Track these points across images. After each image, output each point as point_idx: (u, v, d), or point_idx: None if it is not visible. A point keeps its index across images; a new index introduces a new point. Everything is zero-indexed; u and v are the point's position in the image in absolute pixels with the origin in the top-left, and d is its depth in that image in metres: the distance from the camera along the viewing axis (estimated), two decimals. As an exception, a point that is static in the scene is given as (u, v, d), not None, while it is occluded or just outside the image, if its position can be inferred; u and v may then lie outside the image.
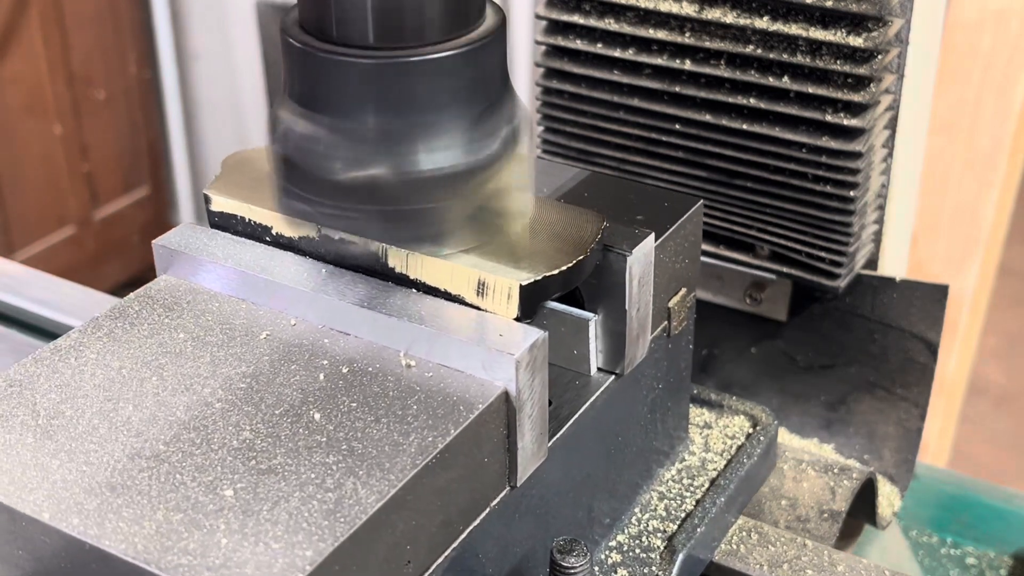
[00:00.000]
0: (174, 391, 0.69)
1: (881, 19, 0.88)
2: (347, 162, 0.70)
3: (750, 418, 0.95)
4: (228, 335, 0.74)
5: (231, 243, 0.79)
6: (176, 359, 0.72)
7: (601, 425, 0.81)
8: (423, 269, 0.73)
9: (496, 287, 0.71)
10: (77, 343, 0.74)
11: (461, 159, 0.71)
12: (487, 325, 0.71)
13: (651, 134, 0.99)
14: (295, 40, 0.70)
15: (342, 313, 0.73)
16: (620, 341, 0.79)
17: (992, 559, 1.10)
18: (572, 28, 0.99)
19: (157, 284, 0.79)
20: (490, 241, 0.74)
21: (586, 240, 0.75)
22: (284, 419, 0.67)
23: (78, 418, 0.68)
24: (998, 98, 1.68)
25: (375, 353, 0.72)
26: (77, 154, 2.91)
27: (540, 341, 0.69)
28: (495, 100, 0.72)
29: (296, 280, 0.75)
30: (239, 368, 0.71)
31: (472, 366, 0.69)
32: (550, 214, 0.78)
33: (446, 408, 0.67)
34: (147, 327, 0.75)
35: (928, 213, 1.73)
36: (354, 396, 0.69)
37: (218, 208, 0.80)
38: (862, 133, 0.91)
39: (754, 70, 0.93)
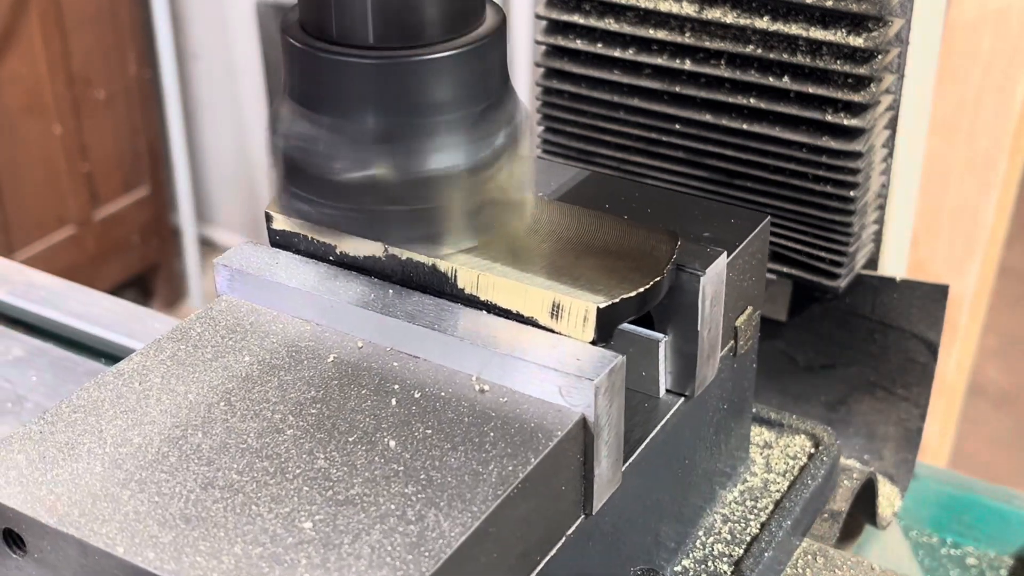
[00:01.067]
0: (243, 417, 0.67)
1: (881, 19, 0.88)
2: (349, 162, 0.70)
3: (811, 437, 0.93)
4: (294, 358, 0.72)
5: (294, 262, 0.77)
6: (243, 383, 0.70)
7: (670, 448, 0.79)
8: (494, 290, 0.72)
9: (572, 309, 0.70)
10: (140, 367, 0.71)
11: (463, 160, 0.71)
12: (563, 349, 0.69)
13: (651, 134, 0.99)
14: (295, 40, 0.70)
15: (411, 335, 0.71)
16: (690, 362, 0.77)
17: (992, 559, 1.10)
18: (572, 28, 0.99)
19: (219, 305, 0.77)
20: (560, 261, 0.73)
21: (662, 260, 0.73)
22: (358, 446, 0.65)
23: (147, 446, 0.65)
24: (998, 98, 1.68)
25: (447, 377, 0.70)
26: (77, 154, 2.91)
27: (619, 366, 0.67)
28: (495, 99, 0.72)
29: (362, 301, 0.73)
30: (308, 393, 0.69)
31: (548, 391, 0.67)
32: (622, 232, 0.76)
33: (524, 436, 0.65)
34: (211, 350, 0.73)
35: (928, 213, 1.72)
36: (428, 422, 0.66)
37: (280, 226, 0.78)
38: (862, 133, 0.91)
39: (754, 70, 0.93)
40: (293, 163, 0.72)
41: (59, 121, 2.84)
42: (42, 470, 0.64)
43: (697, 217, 0.82)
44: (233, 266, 0.77)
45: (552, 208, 0.80)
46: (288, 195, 0.74)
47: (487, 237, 0.74)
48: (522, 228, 0.76)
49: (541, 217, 0.78)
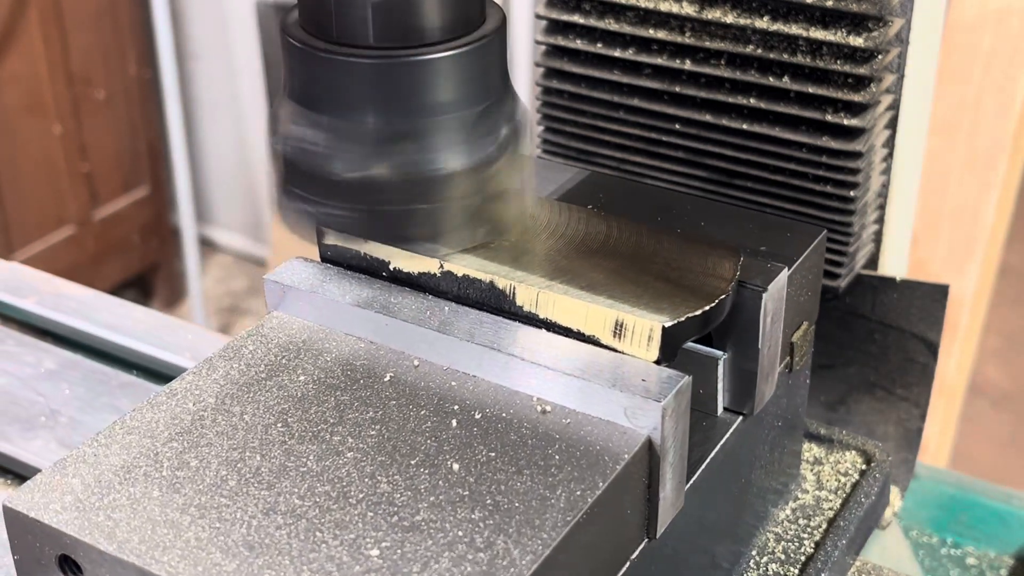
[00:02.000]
0: (301, 439, 0.66)
1: (881, 19, 0.88)
2: (350, 162, 0.70)
3: (862, 454, 0.92)
4: (350, 377, 0.70)
5: (346, 278, 0.75)
6: (299, 403, 0.68)
7: (728, 468, 0.78)
8: (555, 308, 0.70)
9: (636, 328, 0.68)
10: (193, 387, 0.70)
11: (465, 160, 0.70)
12: (627, 369, 0.67)
13: (651, 134, 0.98)
14: (295, 40, 0.70)
15: (468, 354, 0.70)
16: (748, 380, 0.76)
17: (992, 559, 1.10)
18: (572, 28, 0.99)
19: (270, 322, 0.75)
20: (622, 277, 0.72)
21: (725, 277, 0.72)
22: (421, 470, 0.63)
23: (204, 469, 0.64)
24: (998, 98, 1.68)
25: (507, 398, 0.68)
26: (77, 154, 2.91)
27: (685, 387, 0.66)
28: (495, 99, 0.72)
29: (417, 318, 0.71)
30: (366, 414, 0.67)
31: (613, 412, 0.66)
32: (683, 248, 0.75)
33: (590, 459, 0.64)
34: (264, 368, 0.71)
35: (928, 213, 1.72)
36: (491, 445, 0.65)
37: (331, 241, 0.77)
38: (862, 133, 0.91)
39: (754, 70, 0.93)
40: (293, 163, 0.72)
41: (59, 121, 2.84)
42: (98, 494, 0.62)
43: (753, 231, 0.81)
44: (284, 282, 0.75)
45: (612, 223, 0.78)
46: (288, 195, 0.74)
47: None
48: (581, 244, 0.75)
49: (600, 233, 0.77)
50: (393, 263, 0.75)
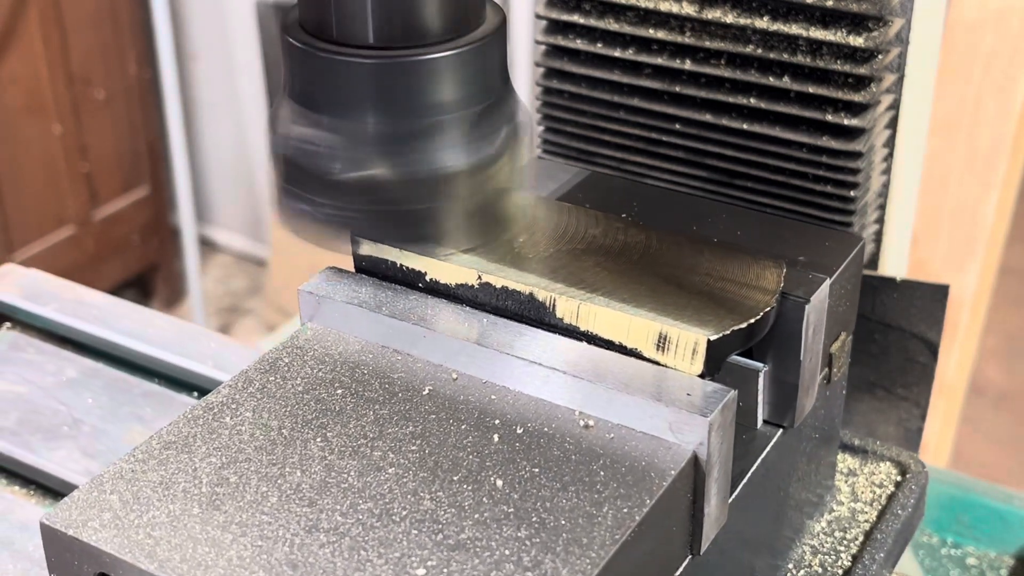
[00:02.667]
0: (341, 454, 0.65)
1: (881, 19, 0.88)
2: (350, 162, 0.70)
3: (897, 465, 0.91)
4: (388, 390, 0.69)
5: (381, 290, 0.74)
6: (338, 417, 0.67)
7: (768, 480, 0.77)
8: (596, 320, 0.69)
9: (680, 341, 0.67)
10: (230, 400, 0.69)
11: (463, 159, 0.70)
12: (671, 383, 0.66)
13: (651, 134, 0.98)
14: (295, 40, 0.70)
15: (508, 367, 0.69)
16: (789, 392, 0.74)
17: (992, 559, 1.10)
18: (572, 28, 0.98)
19: (305, 333, 0.74)
20: (664, 289, 0.71)
21: (770, 289, 0.71)
22: (464, 486, 0.63)
23: (244, 485, 0.63)
24: (998, 98, 1.68)
25: (548, 412, 0.67)
26: (77, 154, 2.90)
27: (731, 401, 0.65)
28: (496, 99, 0.72)
29: (455, 330, 0.71)
30: (406, 428, 0.67)
31: (658, 427, 0.65)
32: (725, 259, 0.74)
33: (635, 475, 0.63)
34: (301, 381, 0.70)
35: (928, 213, 1.72)
36: (534, 460, 0.64)
37: (366, 252, 0.76)
38: (862, 133, 0.91)
39: (754, 70, 0.93)
40: (293, 163, 0.72)
41: (59, 121, 2.84)
42: (137, 511, 0.61)
43: (789, 239, 0.79)
44: (318, 293, 0.74)
45: (651, 233, 0.77)
46: (288, 195, 0.74)
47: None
48: (621, 255, 0.74)
49: (640, 243, 0.76)
50: (429, 274, 0.74)
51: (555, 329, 0.70)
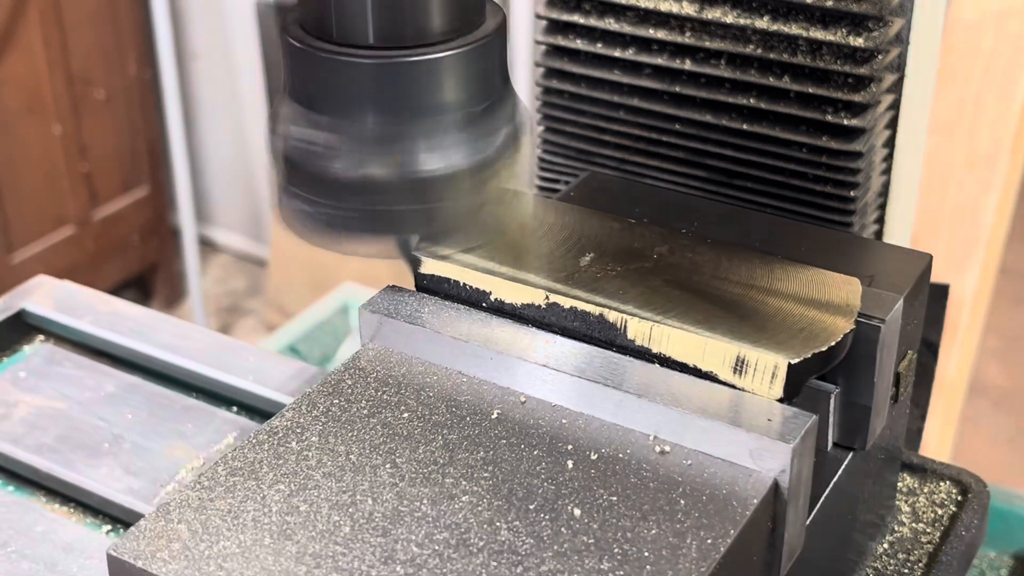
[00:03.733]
0: (412, 481, 0.63)
1: (881, 19, 0.88)
2: (350, 162, 0.69)
3: (957, 484, 0.89)
4: (455, 414, 0.68)
5: (444, 309, 0.73)
6: (406, 443, 0.66)
7: (838, 504, 0.74)
8: (669, 342, 0.67)
9: (759, 364, 0.65)
10: (294, 424, 0.67)
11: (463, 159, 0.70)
12: (750, 408, 0.64)
13: (651, 134, 0.98)
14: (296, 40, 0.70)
15: (578, 390, 0.67)
16: (861, 414, 0.72)
17: (992, 559, 1.10)
18: (572, 28, 0.98)
19: (366, 354, 0.73)
20: (739, 310, 0.69)
21: (848, 310, 0.68)
22: (541, 515, 0.61)
23: (315, 514, 0.61)
24: (998, 98, 1.68)
25: (621, 437, 0.65)
26: (76, 154, 2.90)
27: (813, 427, 0.63)
28: (496, 99, 0.72)
29: (523, 352, 0.69)
30: (477, 454, 0.65)
31: (737, 454, 0.63)
32: (800, 279, 0.71)
33: (717, 504, 0.61)
34: (366, 404, 0.69)
35: (928, 213, 1.72)
36: (611, 488, 0.62)
37: (429, 270, 0.74)
38: (862, 133, 0.91)
39: (754, 70, 0.93)
40: (294, 163, 0.72)
41: (59, 121, 2.84)
42: (207, 542, 0.60)
43: (855, 256, 0.78)
44: (379, 312, 0.73)
45: (721, 251, 0.75)
46: (288, 195, 0.74)
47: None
48: (692, 273, 0.72)
49: (710, 261, 0.74)
50: (494, 294, 0.72)
51: (626, 351, 0.69)
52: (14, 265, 2.80)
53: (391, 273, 0.81)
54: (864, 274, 0.75)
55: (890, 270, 0.76)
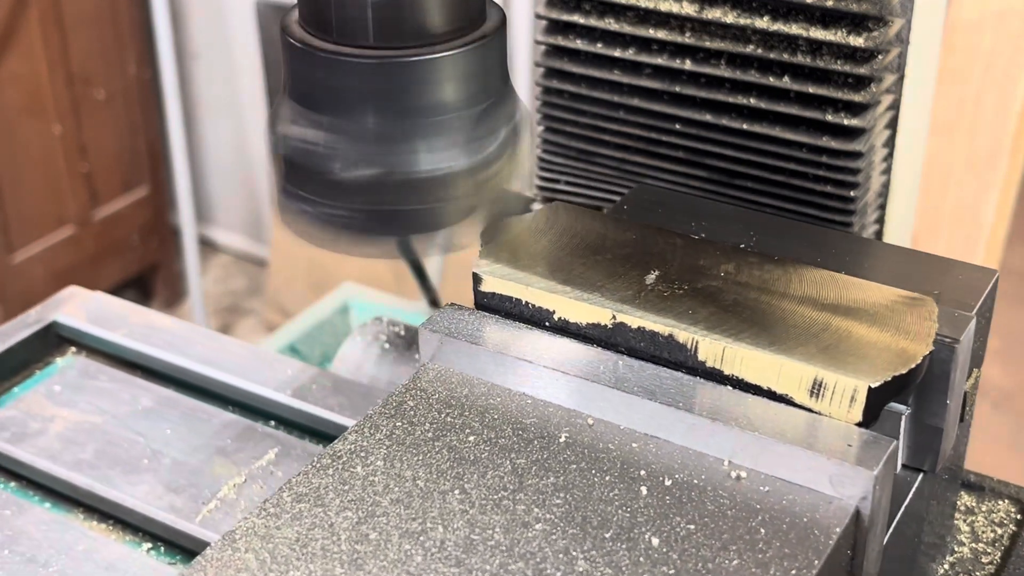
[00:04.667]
0: (483, 508, 0.62)
1: (881, 19, 0.88)
2: (350, 162, 0.69)
3: (1016, 502, 0.87)
4: (522, 437, 0.66)
5: (507, 329, 0.71)
6: (473, 467, 0.64)
7: (907, 526, 0.73)
8: (742, 364, 0.66)
9: (837, 388, 0.63)
10: (358, 448, 0.66)
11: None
12: (828, 432, 0.62)
13: (651, 134, 0.98)
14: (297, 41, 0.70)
15: (649, 413, 0.65)
16: (932, 435, 0.71)
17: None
18: (572, 28, 0.98)
19: (427, 374, 0.71)
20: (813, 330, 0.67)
21: (925, 331, 0.66)
22: (618, 544, 0.59)
23: (385, 543, 0.60)
24: (998, 98, 1.68)
25: (695, 461, 0.64)
26: (76, 154, 2.90)
27: (894, 452, 0.62)
28: (496, 99, 0.72)
29: (589, 373, 0.67)
30: (547, 479, 0.63)
31: (815, 480, 0.61)
32: (873, 298, 0.70)
33: (798, 532, 0.59)
34: (430, 427, 0.67)
35: (928, 213, 1.72)
36: (688, 515, 0.60)
37: (490, 288, 0.73)
38: (863, 133, 0.91)
39: (754, 70, 0.93)
40: (294, 163, 0.72)
41: (59, 121, 2.84)
42: (277, 572, 0.58)
43: (919, 273, 0.76)
44: (440, 331, 0.71)
45: (789, 268, 0.74)
46: (288, 195, 0.74)
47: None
48: (761, 292, 0.71)
49: (778, 278, 0.72)
50: (558, 313, 0.70)
51: (696, 372, 0.67)
52: (14, 265, 2.80)
53: (391, 273, 0.81)
54: (930, 291, 0.74)
55: (956, 286, 0.75)
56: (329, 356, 1.43)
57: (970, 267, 0.77)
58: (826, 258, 0.79)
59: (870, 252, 0.79)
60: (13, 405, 0.97)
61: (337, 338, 1.47)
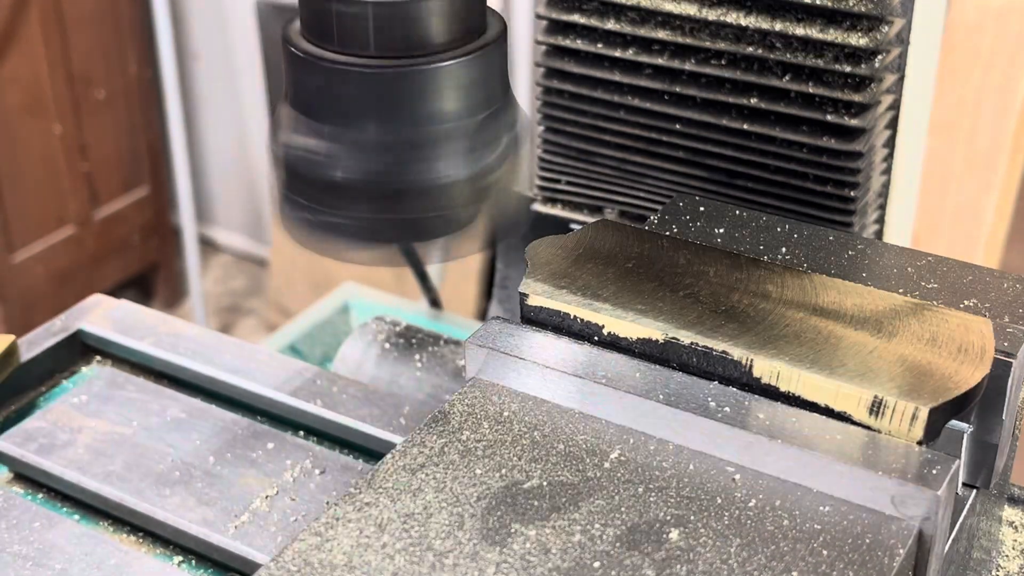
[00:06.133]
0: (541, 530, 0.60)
1: (882, 19, 0.88)
2: (352, 170, 0.69)
3: None
4: (573, 455, 0.64)
5: (555, 343, 0.70)
6: (525, 486, 0.63)
7: (960, 543, 0.71)
8: (799, 382, 0.64)
9: (898, 407, 0.62)
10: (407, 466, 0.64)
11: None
12: (888, 451, 0.61)
13: (651, 134, 0.98)
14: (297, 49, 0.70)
15: (705, 431, 0.64)
16: (988, 451, 0.70)
17: (993, 559, 1.10)
18: (572, 28, 0.99)
19: (473, 391, 0.70)
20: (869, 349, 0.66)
21: (982, 350, 0.66)
22: (678, 567, 0.58)
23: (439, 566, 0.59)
24: (998, 98, 1.68)
25: (752, 481, 0.63)
26: (77, 154, 2.91)
27: (956, 472, 0.61)
28: (497, 108, 0.72)
29: (642, 390, 0.66)
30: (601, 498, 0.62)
31: (877, 500, 0.60)
32: (928, 316, 0.69)
33: (861, 554, 0.58)
34: (479, 445, 0.66)
35: (928, 213, 1.72)
36: (747, 537, 0.59)
37: (537, 303, 0.72)
38: (863, 133, 0.91)
39: (754, 70, 0.93)
40: (295, 171, 0.72)
41: (59, 121, 2.84)
42: None
43: (964, 284, 0.74)
44: (487, 346, 0.70)
45: (838, 286, 0.72)
46: (290, 203, 0.74)
47: None
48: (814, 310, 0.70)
49: (831, 298, 0.71)
50: (608, 328, 0.69)
51: (751, 389, 0.66)
52: (15, 265, 2.80)
53: (392, 273, 0.81)
54: (980, 304, 0.73)
55: (1000, 297, 0.74)
56: (329, 356, 1.43)
57: (1019, 279, 0.76)
58: (870, 272, 0.77)
59: (917, 264, 0.78)
60: (41, 416, 0.96)
61: (337, 338, 1.47)
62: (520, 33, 2.51)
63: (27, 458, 0.91)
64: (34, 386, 1.02)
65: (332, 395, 0.95)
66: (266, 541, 0.83)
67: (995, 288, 0.75)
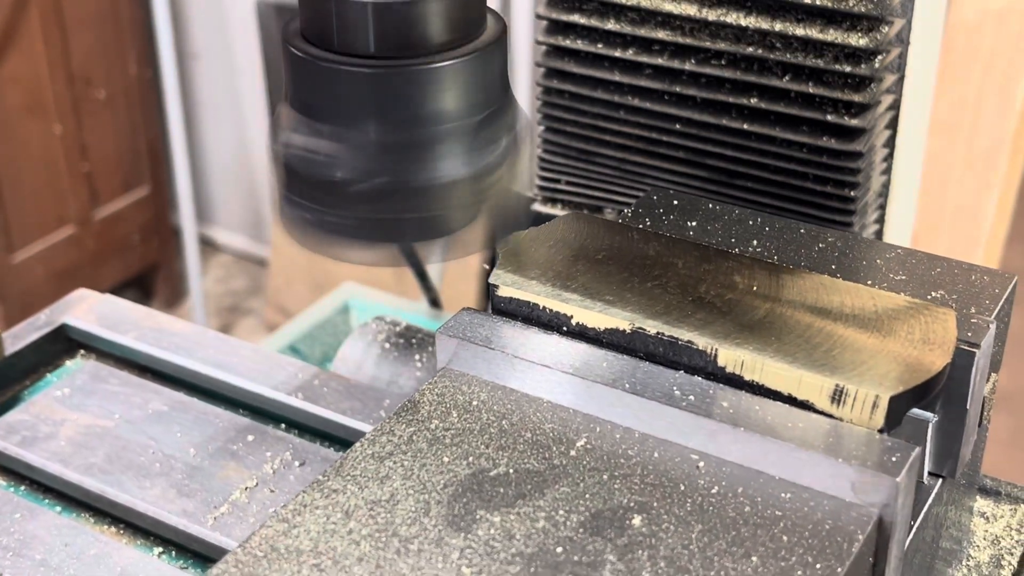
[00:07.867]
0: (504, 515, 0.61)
1: (882, 19, 0.88)
2: (353, 170, 0.69)
3: None
4: (540, 443, 0.65)
5: (524, 333, 0.71)
6: (492, 473, 0.63)
7: (926, 532, 0.72)
8: (763, 371, 0.65)
9: (859, 395, 0.63)
10: (374, 454, 0.65)
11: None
12: (849, 439, 0.62)
13: (651, 134, 0.98)
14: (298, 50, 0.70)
15: (670, 419, 0.65)
16: (952, 441, 0.71)
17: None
18: (572, 28, 0.99)
19: (443, 380, 0.71)
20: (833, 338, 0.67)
21: (945, 340, 0.66)
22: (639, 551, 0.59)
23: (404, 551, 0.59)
24: (998, 98, 1.68)
25: (715, 468, 0.63)
26: (77, 154, 2.91)
27: (916, 459, 0.61)
28: (497, 108, 0.72)
29: (609, 379, 0.67)
30: (566, 485, 0.63)
31: (838, 487, 0.61)
32: (889, 304, 0.70)
33: (820, 539, 0.59)
34: (447, 433, 0.66)
35: (928, 213, 1.73)
36: (709, 523, 0.60)
37: (507, 294, 0.73)
38: (863, 133, 0.91)
39: (754, 70, 0.93)
40: (295, 172, 0.72)
41: (59, 121, 2.84)
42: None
43: (932, 276, 0.75)
44: (457, 336, 0.71)
45: (805, 276, 0.73)
46: (290, 204, 0.74)
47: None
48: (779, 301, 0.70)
49: (797, 287, 0.72)
50: (576, 318, 0.70)
51: (716, 378, 0.67)
52: (14, 265, 2.80)
53: (392, 273, 0.81)
54: (947, 296, 0.74)
55: (971, 291, 0.74)
56: (329, 356, 1.43)
57: (988, 271, 0.77)
58: (840, 265, 0.78)
59: (887, 257, 0.79)
60: (23, 408, 0.96)
61: (337, 338, 1.47)
62: (520, 33, 2.51)
63: (9, 450, 0.92)
64: (19, 380, 1.02)
65: (313, 388, 0.95)
66: (244, 532, 0.83)
67: (963, 280, 0.75)
